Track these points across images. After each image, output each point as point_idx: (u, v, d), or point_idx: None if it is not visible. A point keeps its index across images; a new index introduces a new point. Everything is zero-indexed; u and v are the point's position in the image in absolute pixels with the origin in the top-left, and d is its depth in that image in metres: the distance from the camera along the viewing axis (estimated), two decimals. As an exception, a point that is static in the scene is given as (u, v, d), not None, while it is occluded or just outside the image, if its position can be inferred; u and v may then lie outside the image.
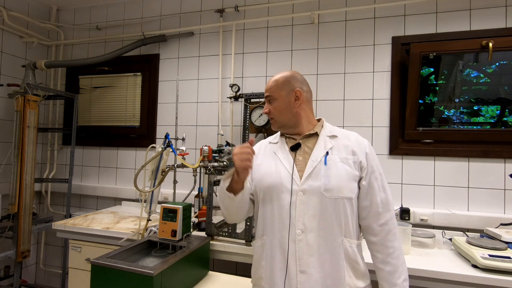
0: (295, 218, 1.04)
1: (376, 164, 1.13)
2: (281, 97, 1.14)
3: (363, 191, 1.08)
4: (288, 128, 1.17)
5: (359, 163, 1.08)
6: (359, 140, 1.15)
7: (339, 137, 1.14)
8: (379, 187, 1.09)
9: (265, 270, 1.09)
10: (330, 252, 1.02)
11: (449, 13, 2.03)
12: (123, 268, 1.23)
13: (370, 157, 1.12)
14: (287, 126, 1.17)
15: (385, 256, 1.05)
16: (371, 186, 1.08)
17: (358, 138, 1.15)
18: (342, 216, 1.03)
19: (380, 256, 1.06)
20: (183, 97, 2.57)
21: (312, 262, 1.01)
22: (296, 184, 1.06)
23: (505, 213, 1.89)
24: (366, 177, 1.08)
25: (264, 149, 1.22)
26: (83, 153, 2.89)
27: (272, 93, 1.16)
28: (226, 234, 1.74)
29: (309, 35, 2.30)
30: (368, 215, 1.08)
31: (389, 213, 1.07)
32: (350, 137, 1.15)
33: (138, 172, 1.62)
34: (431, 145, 2.04)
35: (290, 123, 1.15)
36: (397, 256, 1.05)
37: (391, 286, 1.03)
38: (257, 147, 1.25)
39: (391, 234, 1.06)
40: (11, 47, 2.67)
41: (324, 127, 1.17)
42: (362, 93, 2.17)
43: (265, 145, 1.24)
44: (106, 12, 2.85)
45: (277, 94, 1.15)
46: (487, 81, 2.03)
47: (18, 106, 2.21)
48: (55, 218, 2.70)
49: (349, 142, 1.13)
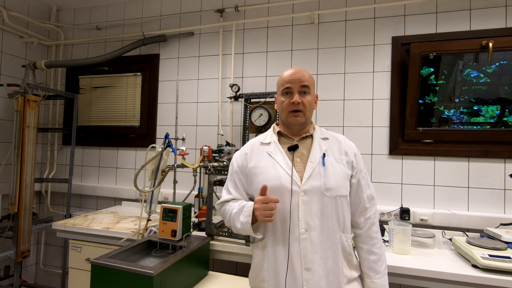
0: (298, 218, 1.06)
1: (362, 164, 1.21)
2: (312, 94, 1.17)
3: (353, 188, 1.17)
4: (302, 127, 1.18)
5: (351, 163, 1.16)
6: (347, 142, 1.22)
7: (330, 139, 1.20)
8: (365, 184, 1.18)
9: (267, 272, 1.10)
10: (331, 248, 1.07)
11: (449, 13, 2.03)
12: (123, 268, 1.23)
13: (358, 157, 1.20)
14: (304, 125, 1.18)
15: (370, 247, 1.14)
16: (359, 184, 1.17)
17: (346, 140, 1.23)
18: (340, 213, 1.10)
19: (366, 247, 1.15)
20: (183, 97, 2.57)
21: (316, 259, 1.04)
22: (297, 185, 1.08)
23: (505, 213, 1.89)
24: (356, 176, 1.17)
25: (257, 150, 1.20)
26: (83, 153, 2.89)
27: (310, 85, 1.14)
28: (226, 234, 1.74)
29: (309, 35, 2.30)
30: (356, 210, 1.17)
31: (374, 208, 1.18)
32: (340, 138, 1.22)
33: (138, 172, 1.62)
34: (431, 145, 2.04)
35: (307, 121, 1.18)
36: (379, 246, 1.15)
37: (375, 273, 1.11)
38: (249, 147, 1.24)
39: (374, 226, 1.16)
40: (11, 47, 2.67)
41: (315, 129, 1.21)
42: (362, 93, 2.17)
43: (257, 145, 1.22)
44: (106, 12, 2.85)
45: (312, 88, 1.16)
46: (487, 81, 2.03)
47: (18, 106, 2.21)
48: (55, 218, 2.70)
49: (340, 144, 1.19)
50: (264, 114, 2.03)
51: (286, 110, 1.15)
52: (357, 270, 1.15)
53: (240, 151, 1.26)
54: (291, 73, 1.15)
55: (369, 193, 1.18)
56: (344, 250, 1.10)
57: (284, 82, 1.15)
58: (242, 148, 1.28)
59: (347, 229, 1.13)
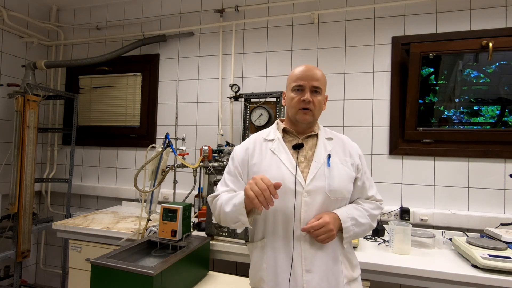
0: (300, 218, 1.04)
1: (366, 165, 1.20)
2: (323, 94, 1.15)
3: (356, 190, 1.15)
4: (309, 126, 1.16)
5: (356, 165, 1.14)
6: (351, 143, 1.21)
7: (334, 139, 1.18)
8: (370, 186, 1.18)
9: (266, 272, 1.08)
10: (331, 249, 1.06)
11: (449, 13, 2.03)
12: (123, 268, 1.23)
13: (362, 159, 1.18)
14: (311, 124, 1.16)
15: (363, 201, 1.16)
16: (364, 186, 1.16)
17: (350, 141, 1.22)
18: None
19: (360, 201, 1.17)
20: (183, 97, 2.57)
21: (317, 261, 1.03)
22: (301, 186, 1.05)
23: (505, 213, 1.89)
24: (361, 178, 1.15)
25: (259, 146, 1.15)
26: (83, 153, 2.89)
27: (321, 85, 1.11)
28: (226, 234, 1.74)
29: (309, 35, 2.30)
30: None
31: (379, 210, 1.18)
32: (344, 139, 1.21)
33: (138, 172, 1.62)
34: (431, 145, 2.04)
35: (315, 121, 1.17)
36: (371, 214, 1.13)
37: (347, 214, 1.08)
38: (251, 142, 1.18)
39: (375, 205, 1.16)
40: (11, 47, 2.67)
41: (320, 129, 1.19)
42: (362, 93, 2.17)
43: (260, 141, 1.17)
44: (106, 12, 2.85)
45: (324, 88, 1.14)
46: (487, 81, 2.03)
47: (18, 106, 2.21)
48: (55, 218, 2.70)
49: (344, 145, 1.18)
50: (264, 114, 2.03)
51: (296, 107, 1.11)
52: (358, 270, 1.13)
53: (241, 146, 1.20)
54: (304, 70, 1.11)
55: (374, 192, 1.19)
56: (344, 249, 1.09)
57: (296, 79, 1.11)
58: (243, 143, 1.21)
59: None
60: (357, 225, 1.07)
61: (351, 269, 1.10)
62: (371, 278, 1.46)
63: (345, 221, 1.05)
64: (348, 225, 1.05)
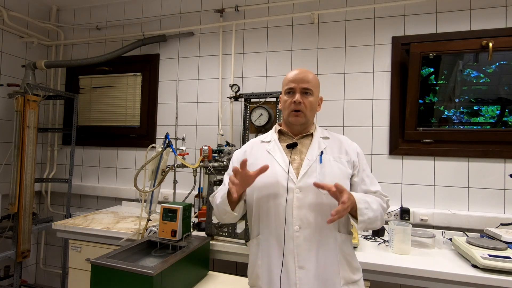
0: (292, 215, 1.05)
1: (365, 163, 1.20)
2: (316, 96, 1.17)
3: (354, 187, 1.15)
4: (304, 127, 1.18)
5: (352, 162, 1.15)
6: (349, 142, 1.22)
7: (331, 139, 1.20)
8: (371, 182, 1.17)
9: (261, 269, 1.09)
10: (326, 246, 1.05)
11: (449, 13, 2.03)
12: (123, 268, 1.23)
13: (360, 156, 1.19)
14: (305, 125, 1.18)
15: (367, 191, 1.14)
16: (364, 182, 1.16)
17: (348, 140, 1.23)
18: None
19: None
20: (183, 97, 2.57)
21: (310, 257, 1.03)
22: (293, 182, 1.07)
23: (505, 213, 1.89)
24: (358, 175, 1.15)
25: (256, 148, 1.22)
26: (83, 153, 2.89)
27: (312, 87, 1.14)
28: (226, 234, 1.74)
29: (309, 35, 2.30)
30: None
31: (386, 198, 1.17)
32: (341, 139, 1.22)
33: (138, 172, 1.62)
34: (431, 145, 2.04)
35: (309, 122, 1.18)
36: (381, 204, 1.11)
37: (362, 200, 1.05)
38: (249, 146, 1.25)
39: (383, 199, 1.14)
40: (11, 47, 2.67)
41: (316, 129, 1.21)
42: (362, 93, 2.17)
43: (257, 144, 1.24)
44: (106, 12, 2.85)
45: (315, 90, 1.16)
46: (487, 81, 2.03)
47: (18, 106, 2.21)
48: (55, 218, 2.70)
49: (341, 143, 1.19)
50: (264, 114, 2.03)
51: (288, 109, 1.15)
52: (358, 273, 1.11)
53: (241, 149, 1.28)
54: (295, 73, 1.15)
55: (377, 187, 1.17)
56: (341, 249, 1.07)
57: (288, 82, 1.16)
58: (242, 147, 1.30)
59: (344, 227, 1.11)
60: (370, 210, 1.04)
61: (351, 272, 1.08)
62: (371, 278, 1.46)
63: (360, 202, 1.02)
64: (362, 206, 1.02)
